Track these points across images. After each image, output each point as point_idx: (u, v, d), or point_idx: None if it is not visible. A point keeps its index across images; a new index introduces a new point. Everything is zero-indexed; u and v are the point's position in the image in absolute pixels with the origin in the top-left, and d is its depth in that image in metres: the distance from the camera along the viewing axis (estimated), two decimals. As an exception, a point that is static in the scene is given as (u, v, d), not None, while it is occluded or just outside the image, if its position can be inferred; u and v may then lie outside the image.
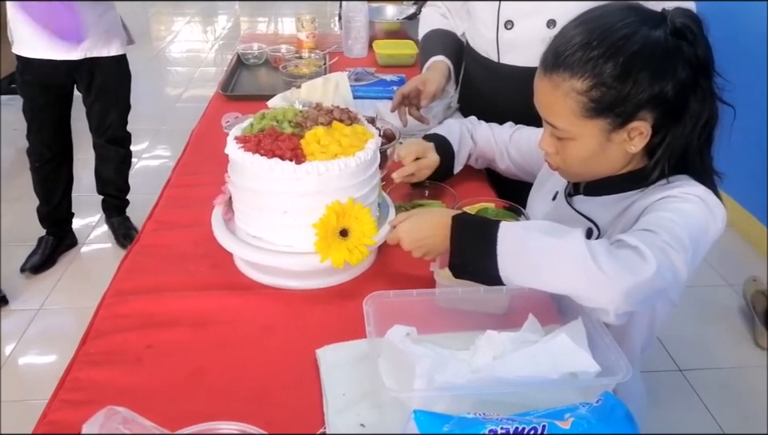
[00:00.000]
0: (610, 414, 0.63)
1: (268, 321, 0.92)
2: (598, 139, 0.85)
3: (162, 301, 0.94)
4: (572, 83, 0.82)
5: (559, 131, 0.87)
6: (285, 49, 2.11)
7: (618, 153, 0.87)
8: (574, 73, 0.82)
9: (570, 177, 0.96)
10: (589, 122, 0.84)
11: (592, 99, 0.82)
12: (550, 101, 0.86)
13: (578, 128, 0.84)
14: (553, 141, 0.90)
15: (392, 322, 0.78)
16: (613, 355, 0.73)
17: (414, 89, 1.38)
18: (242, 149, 0.91)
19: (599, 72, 0.80)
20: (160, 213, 1.20)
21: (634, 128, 0.83)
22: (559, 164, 0.92)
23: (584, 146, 0.86)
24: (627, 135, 0.84)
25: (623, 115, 0.82)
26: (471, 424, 0.60)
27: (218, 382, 0.81)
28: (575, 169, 0.91)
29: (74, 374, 0.82)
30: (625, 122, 0.83)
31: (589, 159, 0.88)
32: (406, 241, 0.90)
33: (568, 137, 0.86)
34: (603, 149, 0.86)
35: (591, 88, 0.81)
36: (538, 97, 0.89)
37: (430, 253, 0.90)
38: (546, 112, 0.88)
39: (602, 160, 0.88)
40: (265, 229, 0.94)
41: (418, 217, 0.91)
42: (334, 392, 0.78)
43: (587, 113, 0.83)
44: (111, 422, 0.48)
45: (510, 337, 0.77)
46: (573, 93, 0.82)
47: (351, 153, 0.91)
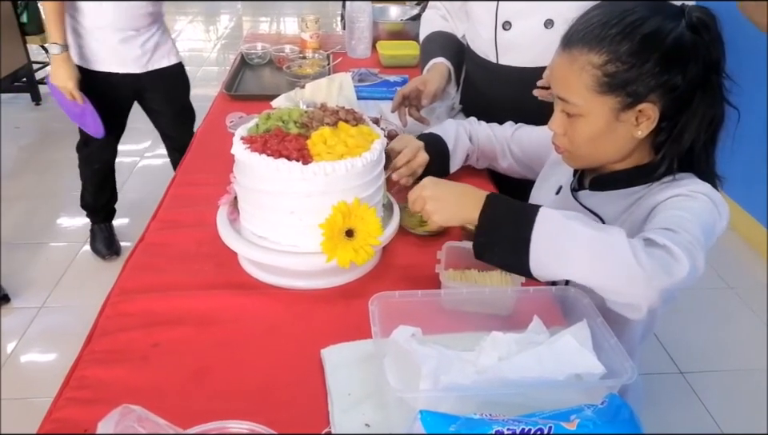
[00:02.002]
0: (615, 416, 0.63)
1: (273, 321, 0.92)
2: (606, 117, 0.87)
3: (167, 300, 0.94)
4: (589, 57, 0.85)
5: (570, 106, 0.89)
6: (288, 50, 2.11)
7: (624, 136, 0.88)
8: (591, 48, 0.85)
9: (576, 161, 0.97)
10: (600, 98, 0.86)
11: (606, 74, 0.84)
12: (566, 74, 0.88)
13: (590, 103, 0.87)
14: (563, 120, 0.92)
15: (397, 322, 0.78)
16: (618, 357, 0.73)
17: (414, 90, 1.40)
18: (248, 149, 0.92)
19: (615, 48, 0.84)
20: (164, 213, 1.20)
21: (642, 111, 0.85)
22: (567, 146, 0.93)
23: (593, 123, 0.88)
24: (635, 118, 0.86)
25: (634, 95, 0.84)
26: (478, 424, 0.60)
27: (223, 381, 0.81)
28: (582, 150, 0.92)
29: (80, 372, 0.82)
30: (634, 103, 0.85)
31: (596, 139, 0.89)
32: (429, 188, 0.88)
33: (578, 113, 0.89)
34: (611, 129, 0.88)
35: (606, 62, 0.84)
36: (554, 72, 0.91)
37: (441, 215, 0.87)
38: (561, 86, 0.90)
39: (608, 141, 0.89)
40: (271, 229, 0.95)
41: (452, 184, 0.91)
42: (339, 391, 0.78)
43: (600, 88, 0.85)
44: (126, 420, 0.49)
45: (515, 338, 0.77)
46: (589, 67, 0.85)
47: (357, 154, 0.91)
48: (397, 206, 1.08)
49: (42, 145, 3.46)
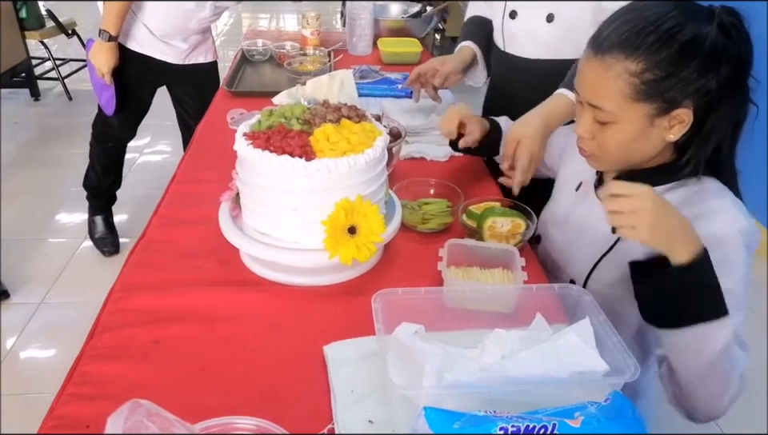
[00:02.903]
0: (618, 413, 0.64)
1: (275, 318, 0.92)
2: (641, 124, 0.86)
3: (169, 297, 0.94)
4: (626, 64, 0.83)
5: (603, 114, 0.87)
6: (289, 46, 2.11)
7: (656, 141, 0.88)
8: (628, 56, 0.83)
9: (602, 165, 0.96)
10: (635, 106, 0.84)
11: (644, 81, 0.83)
12: (599, 82, 0.86)
13: (624, 111, 0.85)
14: (592, 126, 0.90)
15: (400, 319, 0.78)
16: (621, 354, 0.73)
17: (431, 69, 1.42)
18: (251, 145, 0.91)
19: (653, 56, 0.82)
20: (166, 209, 1.20)
21: (677, 115, 0.84)
22: (594, 150, 0.92)
23: (626, 130, 0.87)
24: (669, 122, 0.85)
25: (670, 101, 0.83)
26: (482, 421, 0.60)
27: (226, 378, 0.81)
28: (612, 155, 0.91)
29: (82, 368, 0.82)
30: (670, 108, 0.84)
31: (628, 144, 0.88)
32: (651, 201, 0.76)
33: (611, 120, 0.87)
34: (645, 134, 0.86)
35: (644, 70, 0.82)
36: (585, 78, 0.89)
37: (649, 234, 0.76)
38: (593, 93, 0.88)
39: (640, 146, 0.88)
40: (273, 225, 0.94)
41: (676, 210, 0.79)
42: (342, 388, 0.78)
43: (636, 96, 0.84)
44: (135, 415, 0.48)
45: (518, 336, 0.77)
46: (625, 75, 0.83)
47: (360, 151, 0.91)
48: (399, 203, 1.07)
49: (40, 141, 3.45)
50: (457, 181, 1.21)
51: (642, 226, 0.76)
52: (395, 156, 1.25)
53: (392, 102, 1.65)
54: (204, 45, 2.18)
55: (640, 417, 0.64)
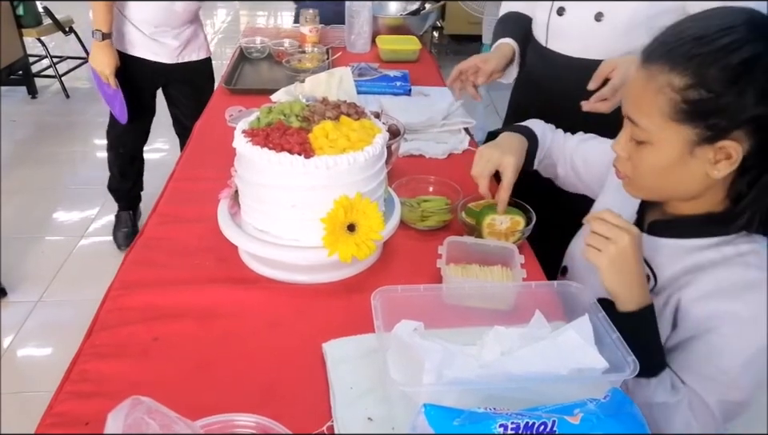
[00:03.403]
0: (618, 410, 0.63)
1: (274, 315, 0.92)
2: (679, 150, 0.75)
3: (168, 294, 0.94)
4: (669, 77, 0.73)
5: (640, 131, 0.78)
6: (288, 44, 2.11)
7: (696, 175, 0.77)
8: (674, 66, 0.73)
9: (637, 191, 0.86)
10: (675, 127, 0.74)
11: (686, 100, 0.72)
12: (640, 94, 0.77)
13: (662, 131, 0.75)
14: (628, 143, 0.81)
15: (399, 317, 0.78)
16: (620, 351, 0.73)
17: (472, 66, 1.38)
18: (250, 142, 0.91)
19: (703, 71, 0.71)
20: (164, 206, 1.20)
21: (723, 148, 0.73)
22: (628, 172, 0.83)
23: (662, 154, 0.77)
24: (713, 155, 0.74)
25: (715, 129, 0.72)
26: (481, 418, 0.60)
27: (224, 375, 0.81)
28: (645, 181, 0.82)
29: (81, 366, 0.82)
30: (715, 138, 0.73)
31: (664, 171, 0.78)
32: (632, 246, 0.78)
33: (647, 140, 0.77)
34: (683, 163, 0.76)
35: (689, 87, 0.72)
36: (629, 88, 0.80)
37: (607, 266, 0.78)
38: (632, 106, 0.79)
39: (677, 177, 0.78)
40: (272, 223, 0.94)
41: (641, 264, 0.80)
42: (342, 385, 0.78)
43: (676, 116, 0.74)
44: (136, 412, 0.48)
45: (517, 333, 0.77)
46: (667, 89, 0.73)
47: (360, 148, 0.91)
48: (398, 201, 1.07)
49: (38, 139, 3.44)
50: (456, 178, 1.21)
51: (606, 254, 0.78)
52: (394, 153, 1.25)
53: (391, 100, 1.65)
54: (196, 42, 2.20)
55: (639, 414, 0.64)
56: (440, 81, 1.94)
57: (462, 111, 1.57)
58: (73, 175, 3.03)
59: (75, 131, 3.30)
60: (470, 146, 1.48)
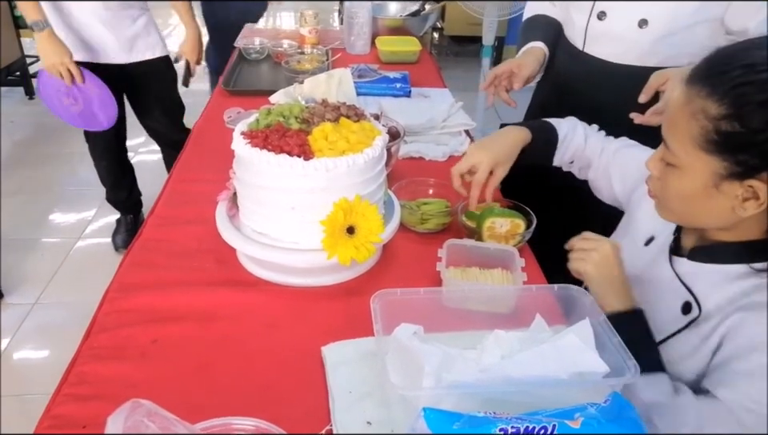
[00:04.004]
0: (618, 414, 0.63)
1: (273, 318, 0.91)
2: (705, 181, 0.73)
3: (167, 296, 0.94)
4: (706, 104, 0.70)
5: (670, 154, 0.76)
6: (287, 45, 2.10)
7: (722, 210, 0.74)
8: (712, 93, 0.69)
9: (665, 214, 0.84)
10: (703, 156, 0.71)
11: (718, 130, 0.69)
12: (676, 115, 0.74)
13: (689, 157, 0.73)
14: (659, 162, 0.80)
15: (399, 320, 0.77)
16: (620, 355, 0.73)
17: (507, 71, 1.36)
18: (248, 144, 0.91)
19: (742, 103, 0.67)
20: (162, 208, 1.20)
21: (751, 187, 0.70)
22: (657, 193, 0.82)
23: (687, 181, 0.75)
24: (741, 192, 0.71)
25: (745, 166, 0.69)
26: (481, 422, 0.60)
27: (223, 378, 0.81)
28: (672, 205, 0.80)
29: (79, 368, 0.81)
30: (744, 175, 0.70)
31: (688, 199, 0.76)
32: (613, 256, 0.83)
33: (675, 163, 0.75)
34: (707, 196, 0.74)
35: (724, 117, 0.68)
36: (669, 106, 0.77)
37: (593, 273, 0.83)
38: (667, 126, 0.77)
39: (702, 207, 0.76)
40: (271, 225, 0.94)
41: (623, 271, 0.85)
42: (340, 389, 0.77)
43: (705, 145, 0.71)
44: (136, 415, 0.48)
45: (517, 337, 0.77)
46: (701, 115, 0.70)
47: (359, 150, 0.90)
48: (398, 203, 1.07)
49: (35, 140, 3.43)
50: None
51: (590, 261, 0.84)
52: (394, 156, 1.25)
53: (390, 101, 1.65)
54: (148, 39, 2.08)
55: (639, 419, 0.64)
56: (440, 82, 1.94)
57: (462, 113, 1.57)
58: (70, 176, 3.03)
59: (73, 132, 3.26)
60: (470, 148, 1.47)
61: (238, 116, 1.54)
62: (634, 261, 0.91)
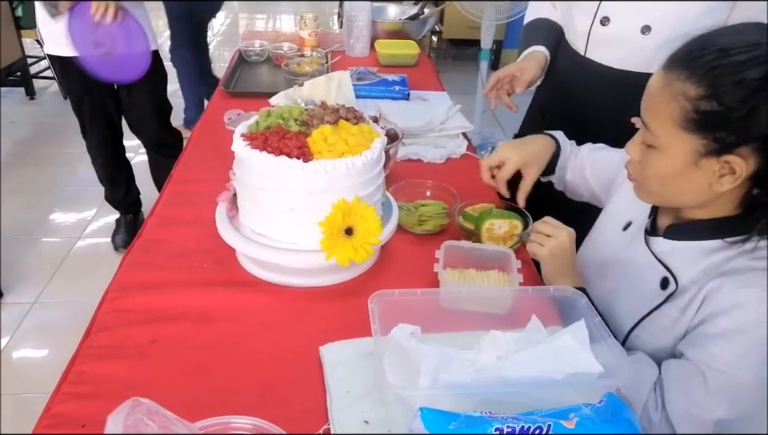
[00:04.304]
0: (613, 415, 0.64)
1: (271, 318, 0.92)
2: (685, 159, 0.77)
3: (166, 296, 0.94)
4: (685, 86, 0.74)
5: (650, 135, 0.80)
6: (287, 47, 2.11)
7: (700, 186, 0.78)
8: (691, 75, 0.74)
9: (644, 195, 0.88)
10: (683, 136, 0.76)
11: (698, 110, 0.73)
12: (656, 98, 0.79)
13: (670, 137, 0.77)
14: (640, 147, 0.84)
15: (396, 320, 0.78)
16: (615, 356, 0.74)
17: (509, 75, 1.36)
18: (248, 146, 0.92)
19: (718, 84, 0.72)
20: (162, 209, 1.20)
21: (728, 162, 0.74)
22: (637, 175, 0.86)
23: (668, 161, 0.79)
24: (718, 168, 0.76)
25: (722, 142, 0.73)
26: (478, 422, 0.61)
27: (222, 378, 0.81)
28: (651, 186, 0.84)
29: (78, 367, 0.82)
30: (721, 151, 0.74)
31: (668, 178, 0.80)
32: (568, 242, 0.94)
33: (655, 145, 0.80)
34: (687, 173, 0.78)
35: (702, 97, 0.73)
36: (648, 91, 0.81)
37: (548, 256, 0.95)
38: (647, 110, 0.81)
39: (680, 186, 0.80)
40: (270, 226, 0.94)
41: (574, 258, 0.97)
42: (338, 389, 0.78)
43: (685, 124, 0.75)
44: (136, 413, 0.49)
45: (513, 337, 0.78)
46: (681, 97, 0.75)
47: (358, 152, 0.91)
48: (396, 205, 1.08)
49: (35, 140, 3.44)
50: (453, 183, 1.22)
51: (546, 247, 0.95)
52: (392, 158, 1.26)
53: (389, 104, 1.66)
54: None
55: (634, 419, 0.65)
56: (438, 85, 1.95)
57: (460, 116, 1.58)
58: (70, 176, 3.03)
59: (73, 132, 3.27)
60: (468, 151, 1.48)
61: (238, 118, 1.55)
62: (615, 246, 0.98)
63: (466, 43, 4.72)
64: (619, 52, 1.27)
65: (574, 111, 1.30)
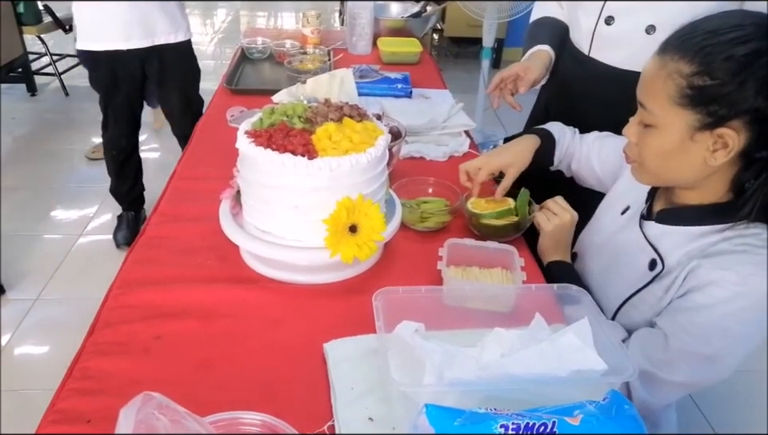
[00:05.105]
0: (617, 412, 0.64)
1: (275, 315, 0.92)
2: (681, 134, 0.82)
3: (170, 293, 0.94)
4: (679, 65, 0.80)
5: (648, 114, 0.84)
6: (289, 45, 2.11)
7: (696, 160, 0.82)
8: (684, 56, 0.80)
9: (643, 176, 0.91)
10: (679, 112, 0.80)
11: (692, 86, 0.79)
12: (651, 79, 0.83)
13: (667, 115, 0.82)
14: (638, 128, 0.88)
15: (400, 317, 0.78)
16: (618, 354, 0.74)
17: (513, 74, 1.36)
18: (253, 143, 0.92)
19: (710, 60, 0.77)
20: (165, 206, 1.20)
21: (722, 135, 0.79)
22: (636, 157, 0.89)
23: (665, 138, 0.83)
24: (712, 143, 0.80)
25: (716, 115, 0.78)
26: (482, 418, 0.61)
27: (226, 374, 0.81)
28: (649, 165, 0.88)
29: (83, 364, 0.82)
30: (715, 124, 0.79)
31: (666, 155, 0.84)
32: (570, 223, 1.06)
33: (653, 123, 0.84)
34: (683, 148, 0.82)
35: (695, 74, 0.78)
36: (643, 75, 0.86)
37: (552, 231, 1.06)
38: (644, 91, 0.85)
39: (678, 161, 0.84)
40: (274, 223, 0.95)
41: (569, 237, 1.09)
42: (342, 385, 0.78)
43: (681, 100, 0.80)
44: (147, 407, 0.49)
45: (517, 335, 0.78)
46: (676, 75, 0.80)
47: (362, 150, 0.91)
48: (399, 202, 1.08)
49: (37, 136, 3.43)
50: (456, 180, 1.22)
51: (551, 224, 1.06)
52: (395, 155, 1.26)
53: (392, 102, 1.66)
54: (171, 22, 2.07)
55: (637, 416, 0.65)
56: (441, 83, 1.95)
57: (463, 114, 1.58)
58: (72, 173, 3.03)
59: (74, 129, 3.30)
60: (471, 149, 1.49)
61: (240, 115, 1.55)
62: (612, 228, 1.04)
63: (468, 41, 4.72)
64: (623, 51, 1.27)
65: (578, 110, 1.29)
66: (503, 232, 1.10)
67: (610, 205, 1.10)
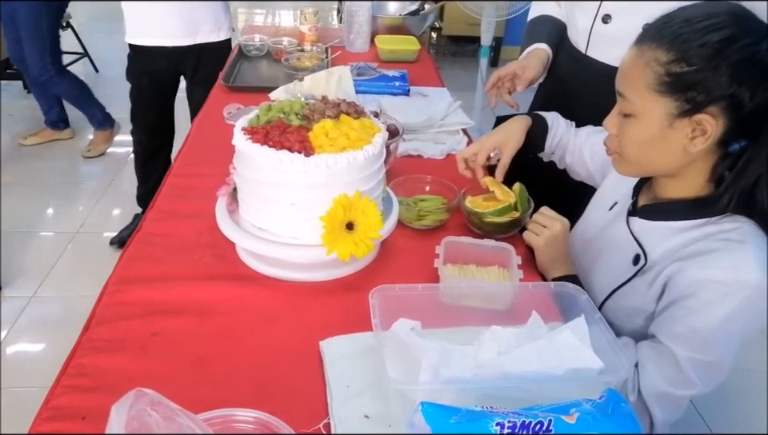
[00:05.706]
0: (613, 410, 0.64)
1: (272, 312, 0.92)
2: (660, 122, 0.83)
3: (166, 290, 0.94)
4: (656, 53, 0.81)
5: (627, 104, 0.86)
6: (287, 42, 2.11)
7: (676, 148, 0.84)
8: (661, 44, 0.81)
9: (623, 167, 0.93)
10: (657, 99, 0.82)
11: (669, 73, 0.80)
12: (630, 69, 0.85)
13: (646, 103, 0.83)
14: (617, 119, 0.89)
15: (397, 315, 0.78)
16: (615, 352, 0.74)
17: (510, 73, 1.36)
18: (249, 140, 0.91)
19: (685, 47, 0.79)
20: (162, 203, 1.20)
21: (700, 121, 0.80)
22: (617, 148, 0.90)
23: (645, 126, 0.84)
24: (691, 130, 0.82)
25: (693, 102, 0.80)
26: (479, 416, 0.61)
27: (222, 372, 0.81)
28: (630, 155, 0.89)
29: (78, 360, 0.82)
30: (693, 111, 0.80)
31: (645, 144, 0.86)
32: (562, 232, 1.00)
33: (633, 112, 0.85)
34: (663, 136, 0.84)
35: (672, 61, 0.80)
36: (622, 66, 0.88)
37: (542, 245, 1.00)
38: (622, 81, 0.87)
39: (658, 149, 0.85)
40: (271, 220, 0.94)
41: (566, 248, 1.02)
42: (338, 383, 0.78)
43: (659, 87, 0.81)
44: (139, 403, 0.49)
45: (514, 333, 0.78)
46: (653, 63, 0.81)
47: (359, 147, 0.91)
48: (396, 200, 1.08)
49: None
50: (453, 178, 1.22)
51: (542, 237, 0.99)
52: (393, 153, 1.25)
53: (389, 100, 1.66)
54: (214, 21, 2.09)
55: (633, 414, 0.65)
56: (439, 81, 1.94)
57: (460, 112, 1.58)
58: (68, 170, 3.03)
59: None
60: (468, 147, 1.48)
61: (237, 112, 1.54)
62: (600, 224, 1.05)
63: (466, 40, 4.72)
64: (619, 50, 1.25)
65: (575, 109, 1.29)
66: (506, 228, 1.09)
67: (599, 201, 1.11)
